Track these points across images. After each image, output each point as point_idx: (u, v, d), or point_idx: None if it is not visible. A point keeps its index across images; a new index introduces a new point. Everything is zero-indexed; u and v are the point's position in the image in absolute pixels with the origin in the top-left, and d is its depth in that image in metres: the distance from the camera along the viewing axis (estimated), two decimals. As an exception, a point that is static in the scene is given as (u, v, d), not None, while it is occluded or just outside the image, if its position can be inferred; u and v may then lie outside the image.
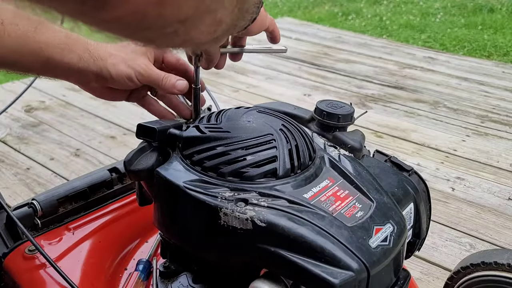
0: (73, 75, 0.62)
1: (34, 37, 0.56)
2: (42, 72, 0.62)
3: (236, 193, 0.53)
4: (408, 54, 3.85)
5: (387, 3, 5.55)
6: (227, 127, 0.59)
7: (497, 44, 4.04)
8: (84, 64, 0.60)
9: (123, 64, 0.62)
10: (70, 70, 0.61)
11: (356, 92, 3.09)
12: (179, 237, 0.59)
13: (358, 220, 0.53)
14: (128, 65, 0.62)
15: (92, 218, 0.81)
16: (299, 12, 5.37)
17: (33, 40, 0.56)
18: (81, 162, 2.24)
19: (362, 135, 0.69)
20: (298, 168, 0.57)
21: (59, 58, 0.59)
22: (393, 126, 2.64)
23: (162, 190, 0.57)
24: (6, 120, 2.61)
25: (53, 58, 0.58)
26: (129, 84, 0.64)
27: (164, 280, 0.72)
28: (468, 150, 2.38)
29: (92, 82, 0.63)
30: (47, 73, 0.62)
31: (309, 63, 3.62)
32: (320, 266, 0.48)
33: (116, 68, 0.62)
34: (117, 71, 0.62)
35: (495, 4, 5.02)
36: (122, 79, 0.62)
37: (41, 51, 0.57)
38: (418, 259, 1.64)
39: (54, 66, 0.59)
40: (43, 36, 0.57)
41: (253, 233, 0.50)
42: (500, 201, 1.97)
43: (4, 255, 0.73)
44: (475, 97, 3.02)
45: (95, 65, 0.61)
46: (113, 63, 0.62)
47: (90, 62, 0.60)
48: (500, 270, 0.89)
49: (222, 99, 2.89)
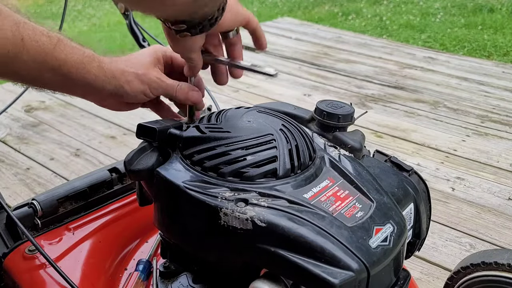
0: (90, 93, 0.63)
1: (53, 54, 0.57)
2: (60, 89, 0.62)
3: (236, 193, 0.53)
4: (408, 54, 3.85)
5: (387, 3, 5.55)
6: (227, 127, 0.59)
7: (497, 44, 4.04)
8: (99, 83, 0.61)
9: (137, 81, 0.63)
10: (87, 89, 0.62)
11: (356, 92, 3.09)
12: (179, 237, 0.59)
13: (358, 220, 0.53)
14: (141, 80, 0.63)
15: (92, 218, 0.81)
16: (299, 12, 5.37)
17: (51, 57, 0.57)
18: (81, 162, 2.24)
19: (362, 135, 0.69)
20: (298, 168, 0.57)
21: (76, 76, 0.59)
22: (393, 126, 2.64)
23: (162, 190, 0.57)
24: (6, 120, 2.61)
25: (70, 76, 0.59)
26: (145, 98, 0.66)
27: (164, 280, 0.72)
28: (468, 150, 2.38)
29: (108, 99, 0.65)
30: (65, 90, 0.63)
31: (309, 63, 3.62)
32: (320, 266, 0.48)
33: (131, 85, 0.63)
34: (132, 88, 0.63)
35: (495, 4, 5.02)
36: (138, 94, 0.64)
37: (59, 69, 0.58)
38: (418, 259, 1.64)
39: (72, 83, 0.60)
40: (62, 54, 0.58)
41: (253, 233, 0.50)
42: (500, 201, 1.97)
43: (4, 255, 0.73)
44: (475, 97, 3.02)
45: (110, 84, 0.62)
46: (128, 81, 0.63)
47: (105, 81, 0.62)
48: (500, 270, 0.89)
49: (222, 99, 2.89)
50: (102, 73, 0.61)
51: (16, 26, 0.53)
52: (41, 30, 0.56)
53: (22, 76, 0.58)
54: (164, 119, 0.68)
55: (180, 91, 0.65)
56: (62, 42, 0.58)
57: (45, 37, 0.56)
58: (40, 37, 0.56)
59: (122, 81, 0.62)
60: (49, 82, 0.60)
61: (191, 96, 0.66)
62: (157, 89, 0.65)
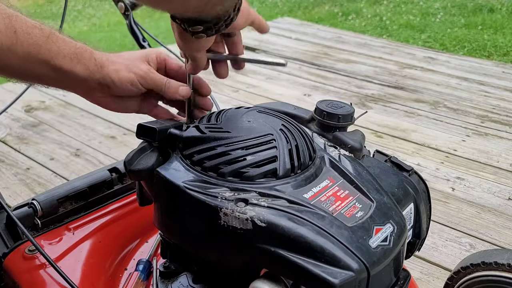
0: (79, 86, 0.63)
1: (45, 46, 0.57)
2: (52, 82, 0.62)
3: (236, 193, 0.53)
4: (408, 54, 3.85)
5: (387, 3, 5.55)
6: (227, 127, 0.59)
7: (497, 44, 4.04)
8: (89, 73, 0.61)
9: (125, 70, 0.63)
10: (77, 81, 0.61)
11: (356, 92, 3.09)
12: (179, 237, 0.59)
13: (358, 220, 0.53)
14: (130, 70, 0.63)
15: (92, 218, 0.81)
16: (299, 12, 5.37)
17: (44, 49, 0.57)
18: (81, 162, 2.24)
19: (362, 135, 0.69)
20: (298, 168, 0.57)
21: (68, 68, 0.59)
22: (393, 126, 2.64)
23: (162, 190, 0.57)
24: (6, 120, 2.61)
25: (62, 68, 0.59)
26: (132, 89, 0.64)
27: (164, 280, 0.72)
28: (468, 150, 2.38)
29: (96, 91, 0.64)
30: (57, 84, 0.63)
31: (309, 63, 3.62)
32: (320, 266, 0.48)
33: (119, 74, 0.62)
34: (120, 77, 0.62)
35: (495, 4, 5.02)
36: (124, 84, 0.63)
37: (52, 61, 0.58)
38: (418, 259, 1.64)
39: (64, 76, 0.60)
40: (54, 46, 0.58)
41: (253, 233, 0.50)
42: (500, 201, 1.97)
43: (4, 255, 0.73)
44: (475, 97, 3.02)
45: (99, 73, 0.62)
46: (115, 69, 0.62)
47: (95, 71, 0.61)
48: (500, 270, 0.89)
49: (222, 99, 2.89)
50: (92, 63, 0.61)
51: (9, 19, 0.54)
52: (33, 23, 0.57)
53: (14, 70, 0.58)
54: (164, 119, 0.68)
55: (169, 85, 0.65)
56: (54, 34, 0.58)
57: (37, 30, 0.56)
58: (33, 29, 0.56)
59: (110, 69, 0.62)
60: (42, 75, 0.60)
61: (181, 90, 0.65)
62: (145, 80, 0.64)
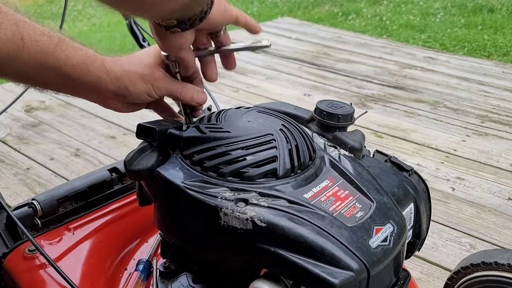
0: (92, 94, 0.62)
1: (53, 54, 0.56)
2: (61, 89, 0.62)
3: (236, 193, 0.53)
4: (408, 54, 3.85)
5: (387, 3, 5.55)
6: (227, 127, 0.59)
7: (497, 44, 4.04)
8: (102, 83, 0.60)
9: (141, 81, 0.62)
10: (89, 89, 0.61)
11: (356, 92, 3.09)
12: (179, 237, 0.59)
13: (358, 220, 0.53)
14: (145, 81, 0.62)
15: (92, 218, 0.81)
16: (299, 12, 5.37)
17: (52, 57, 0.56)
18: (81, 162, 2.24)
19: (362, 135, 0.69)
20: (298, 168, 0.57)
21: (77, 76, 0.59)
22: (393, 126, 2.64)
23: (162, 190, 0.57)
24: (6, 120, 2.61)
25: (72, 76, 0.58)
26: (149, 98, 0.64)
27: (164, 280, 0.72)
28: (468, 150, 2.38)
29: (111, 100, 0.63)
30: (66, 90, 0.62)
31: (309, 63, 3.63)
32: (320, 266, 0.48)
33: (135, 86, 0.62)
34: (136, 89, 0.62)
35: (495, 4, 5.02)
36: (142, 95, 0.63)
37: (61, 69, 0.57)
38: (418, 259, 1.64)
39: (73, 84, 0.60)
40: (63, 54, 0.57)
41: (253, 233, 0.50)
42: (500, 201, 1.97)
43: (4, 255, 0.73)
44: (475, 97, 3.02)
45: (113, 85, 0.61)
46: (131, 82, 0.62)
47: (108, 82, 0.61)
48: (500, 270, 0.89)
49: (222, 99, 2.89)
50: (105, 74, 0.60)
51: (16, 25, 0.53)
52: (42, 30, 0.56)
53: (22, 76, 0.57)
54: (164, 119, 0.68)
55: (185, 92, 0.64)
56: (64, 42, 0.58)
57: (45, 37, 0.56)
58: (41, 36, 0.55)
59: (125, 81, 0.61)
60: (50, 82, 0.59)
61: (196, 97, 0.65)
62: (161, 90, 0.63)
